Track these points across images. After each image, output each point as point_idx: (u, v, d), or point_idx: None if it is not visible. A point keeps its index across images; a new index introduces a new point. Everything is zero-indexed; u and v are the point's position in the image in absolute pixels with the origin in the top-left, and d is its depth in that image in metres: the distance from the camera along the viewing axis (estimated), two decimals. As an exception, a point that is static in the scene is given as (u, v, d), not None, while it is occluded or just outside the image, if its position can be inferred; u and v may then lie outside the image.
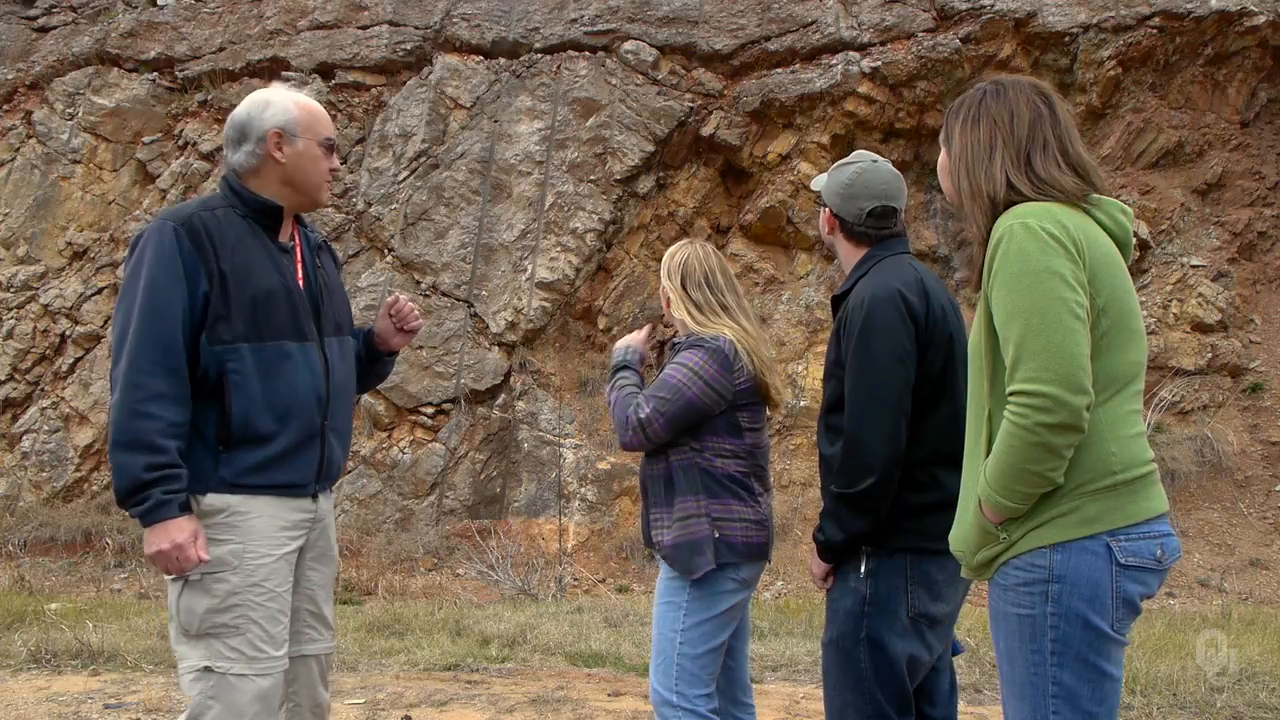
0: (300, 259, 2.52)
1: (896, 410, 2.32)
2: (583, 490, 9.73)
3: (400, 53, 11.61)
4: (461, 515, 9.70)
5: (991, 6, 10.37)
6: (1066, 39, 10.35)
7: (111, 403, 2.24)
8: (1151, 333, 9.67)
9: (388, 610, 7.12)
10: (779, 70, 10.86)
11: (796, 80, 10.72)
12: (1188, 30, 10.24)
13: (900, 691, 2.36)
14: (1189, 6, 10.17)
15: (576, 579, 8.93)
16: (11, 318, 11.20)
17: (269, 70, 11.69)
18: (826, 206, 2.65)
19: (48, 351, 11.18)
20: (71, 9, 12.88)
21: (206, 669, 2.25)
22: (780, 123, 10.89)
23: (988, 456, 1.89)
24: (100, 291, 11.27)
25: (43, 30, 12.81)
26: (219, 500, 2.30)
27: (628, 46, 11.10)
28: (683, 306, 2.88)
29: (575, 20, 11.36)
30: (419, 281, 10.64)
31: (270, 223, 2.47)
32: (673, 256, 2.96)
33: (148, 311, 2.26)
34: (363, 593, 8.56)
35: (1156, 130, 10.54)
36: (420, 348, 10.29)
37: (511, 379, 10.24)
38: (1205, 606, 7.63)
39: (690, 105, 10.88)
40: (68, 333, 11.15)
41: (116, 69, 12.21)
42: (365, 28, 11.78)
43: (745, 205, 11.16)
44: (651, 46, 11.08)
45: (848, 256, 2.65)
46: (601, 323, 10.82)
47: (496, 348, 10.31)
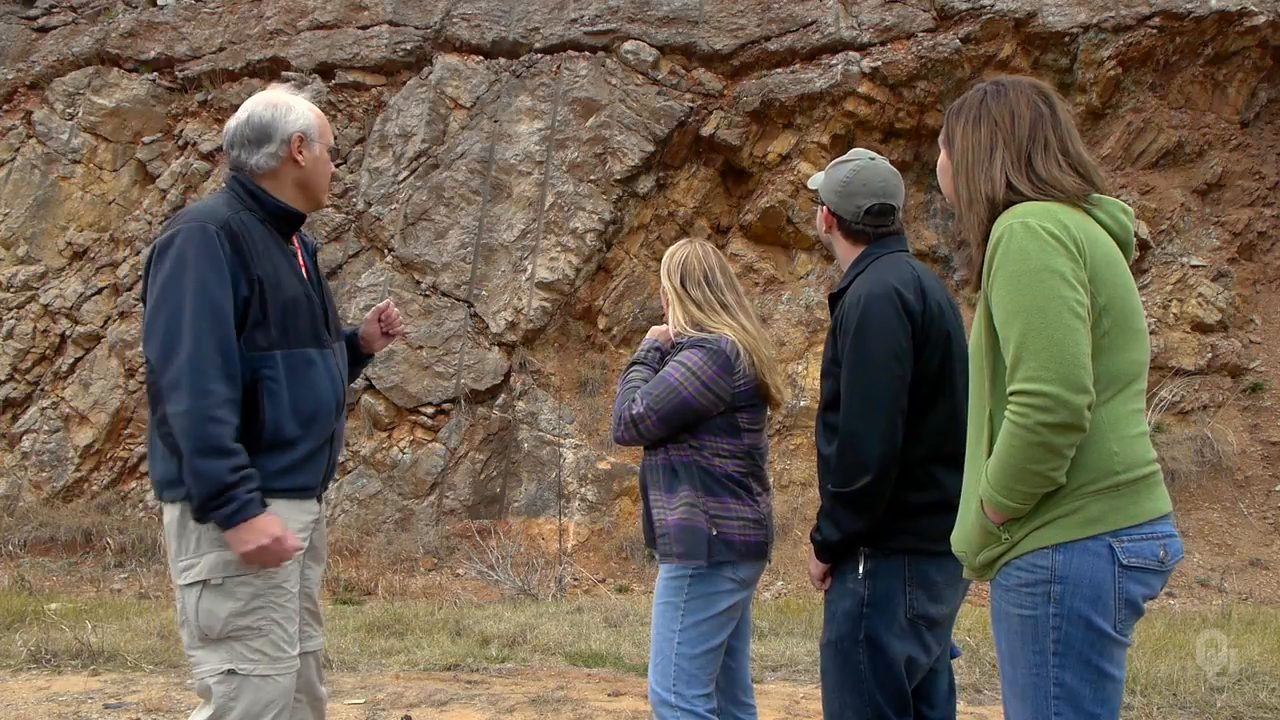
0: (303, 263, 2.53)
1: (892, 408, 2.30)
2: (583, 490, 9.73)
3: (400, 53, 11.60)
4: (461, 515, 9.70)
5: (991, 6, 10.37)
6: (1066, 39, 10.35)
7: (176, 409, 2.17)
8: (1152, 333, 9.67)
9: (388, 610, 7.12)
10: (779, 70, 10.86)
11: (796, 80, 10.72)
12: (1188, 30, 10.24)
13: (899, 692, 2.35)
14: (1189, 6, 10.17)
15: (576, 579, 8.92)
16: (11, 318, 11.20)
17: (269, 70, 11.69)
18: (824, 204, 2.64)
19: (48, 351, 11.18)
20: (71, 9, 12.88)
21: (230, 672, 2.24)
22: (780, 123, 10.89)
23: (989, 457, 1.88)
24: (100, 291, 11.27)
25: (43, 30, 12.80)
26: None
27: (628, 46, 11.10)
28: (682, 305, 2.87)
29: (575, 20, 11.36)
30: (419, 281, 10.64)
31: (287, 228, 2.48)
32: (672, 256, 2.95)
33: (204, 313, 2.21)
34: (363, 593, 8.55)
35: (1156, 130, 10.54)
36: (420, 348, 10.28)
37: (511, 379, 10.24)
38: (1205, 606, 7.63)
39: (690, 105, 10.88)
40: (68, 333, 11.15)
41: (116, 69, 12.20)
42: (365, 28, 11.78)
43: (745, 205, 11.16)
44: (651, 46, 11.08)
45: (845, 254, 2.63)
46: (601, 323, 10.81)
47: (496, 348, 10.31)
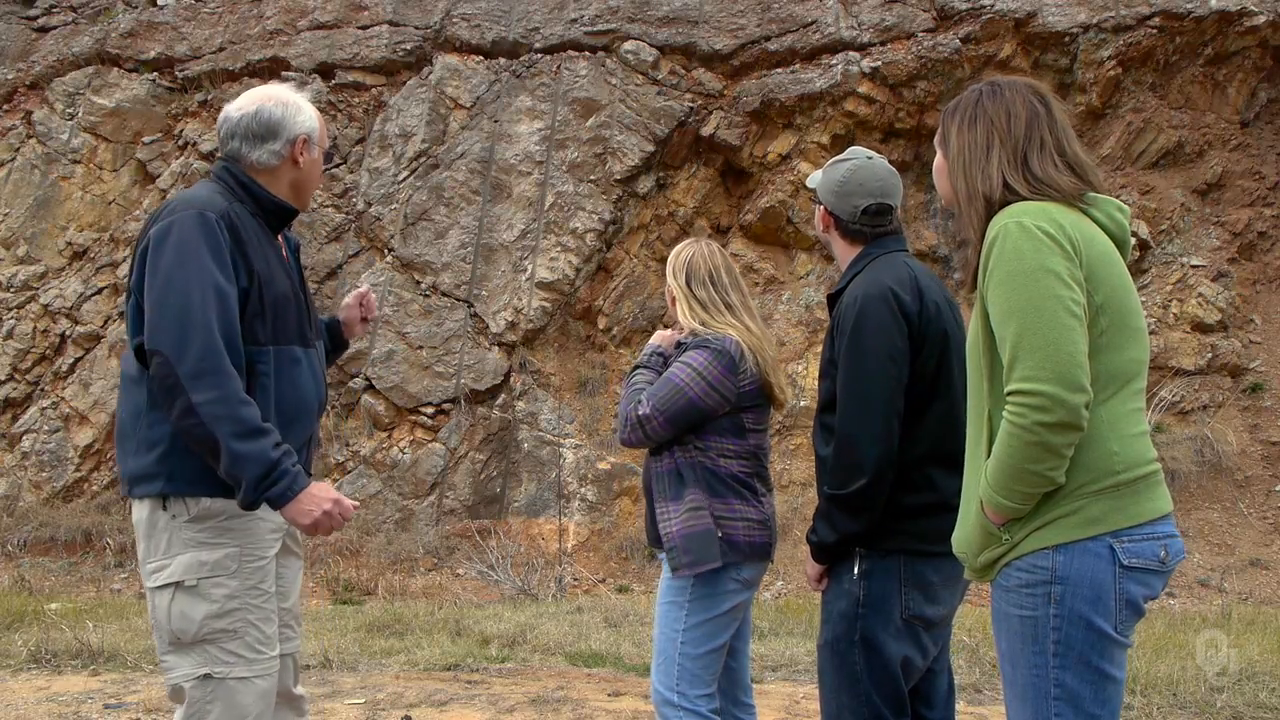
0: (286, 260, 2.49)
1: (888, 409, 2.29)
2: (583, 490, 9.73)
3: (400, 53, 11.60)
4: (461, 515, 9.70)
5: (991, 6, 10.37)
6: (1066, 39, 10.35)
7: (205, 397, 2.08)
8: (1151, 333, 9.67)
9: (388, 610, 7.12)
10: (779, 70, 10.86)
11: (796, 80, 10.72)
12: (1188, 30, 10.24)
13: (895, 693, 2.35)
14: (1189, 6, 10.17)
15: (576, 579, 8.92)
16: (11, 318, 11.20)
17: (269, 70, 11.69)
18: (822, 204, 2.62)
19: (48, 351, 11.17)
20: (71, 9, 12.88)
21: (206, 676, 2.20)
22: (780, 123, 10.89)
23: (988, 457, 1.88)
24: (100, 291, 11.27)
25: (43, 30, 12.80)
26: (217, 504, 2.24)
27: (628, 46, 11.10)
28: (687, 304, 2.87)
29: (575, 20, 11.36)
30: (419, 281, 10.64)
31: (278, 224, 2.44)
32: (678, 255, 2.95)
33: (213, 302, 2.14)
34: (363, 593, 8.56)
35: (1156, 130, 10.54)
36: (420, 348, 10.28)
37: (511, 379, 10.24)
38: (1205, 606, 7.63)
39: (690, 105, 10.88)
40: (68, 333, 11.15)
41: (116, 69, 12.20)
42: (365, 28, 11.78)
43: (745, 205, 11.16)
44: (651, 46, 11.08)
45: (843, 254, 2.62)
46: (601, 323, 10.81)
47: (496, 348, 10.30)
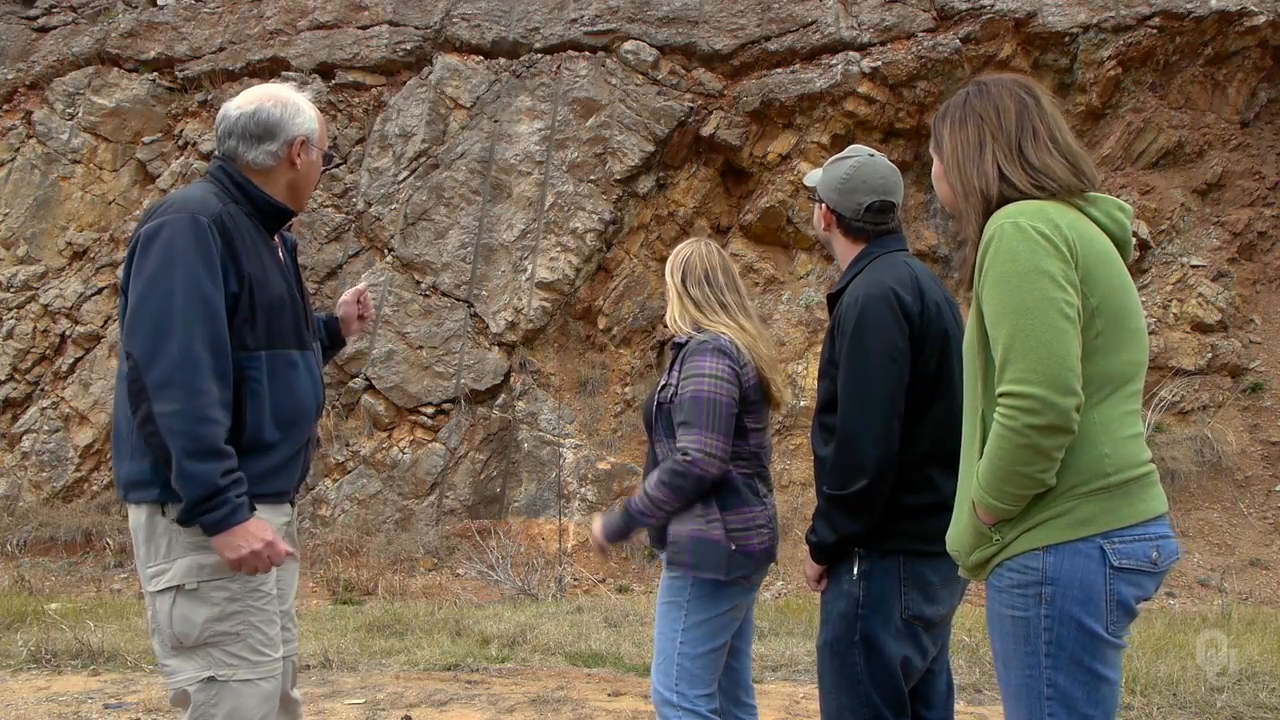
0: (283, 260, 2.46)
1: (890, 410, 2.28)
2: (583, 490, 9.73)
3: (400, 53, 11.61)
4: (461, 515, 9.70)
5: (991, 6, 10.37)
6: (1066, 39, 10.35)
7: (166, 409, 2.06)
8: (1151, 333, 9.66)
9: (388, 610, 7.13)
10: (779, 70, 10.86)
11: (796, 80, 10.72)
12: (1188, 30, 10.24)
13: (895, 693, 2.34)
14: (1189, 6, 10.17)
15: (576, 579, 8.93)
16: (11, 318, 11.20)
17: (269, 70, 11.69)
18: (822, 202, 2.60)
19: (48, 351, 11.18)
20: (71, 9, 12.88)
21: (210, 679, 2.19)
22: (780, 123, 10.89)
23: (981, 457, 1.88)
24: (100, 291, 11.27)
25: (43, 30, 12.81)
26: None
27: (628, 46, 11.10)
28: (681, 303, 2.87)
29: (575, 20, 11.36)
30: (419, 281, 10.64)
31: (274, 224, 2.41)
32: (677, 254, 2.95)
33: (196, 308, 2.11)
34: (363, 593, 8.56)
35: (1156, 130, 10.54)
36: (420, 348, 10.29)
37: (511, 379, 10.24)
38: (1205, 606, 7.63)
39: (690, 105, 10.88)
40: (68, 333, 11.15)
41: (116, 69, 12.21)
42: (365, 28, 11.78)
43: (745, 205, 11.16)
44: (651, 46, 11.08)
45: (844, 253, 2.60)
46: (601, 323, 10.81)
47: (496, 348, 10.31)
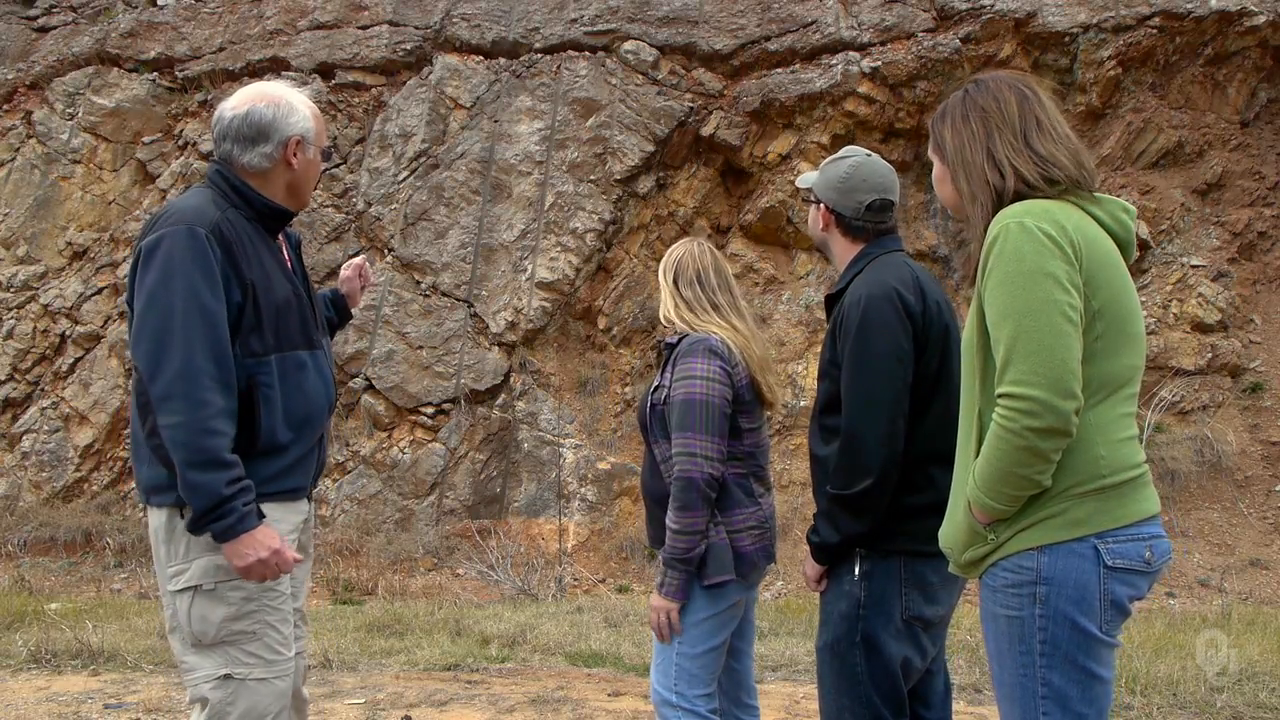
0: (288, 259, 2.46)
1: (895, 410, 2.28)
2: (583, 490, 9.73)
3: (400, 53, 11.61)
4: (461, 515, 9.70)
5: (991, 6, 10.37)
6: (1066, 39, 10.35)
7: (169, 421, 2.10)
8: (1151, 333, 9.66)
9: (388, 610, 7.13)
10: (779, 70, 10.86)
11: (796, 80, 10.72)
12: (1188, 30, 10.24)
13: (895, 694, 2.34)
14: (1189, 6, 10.17)
15: (576, 579, 8.93)
16: (11, 318, 11.21)
17: (269, 70, 11.69)
18: (820, 202, 2.58)
19: (48, 351, 11.18)
20: (71, 9, 12.89)
21: (226, 677, 2.22)
22: (780, 123, 10.89)
23: (977, 456, 1.88)
24: (100, 291, 11.28)
25: (43, 30, 12.82)
26: None
27: (628, 46, 11.10)
28: (672, 303, 2.87)
29: (575, 20, 11.36)
30: (419, 281, 10.64)
31: (275, 226, 2.41)
32: (670, 254, 2.95)
33: (196, 320, 2.14)
34: (363, 593, 8.56)
35: (1156, 130, 10.54)
36: (420, 348, 10.29)
37: (511, 379, 10.24)
38: (1205, 606, 7.63)
39: (690, 105, 10.88)
40: (68, 333, 11.15)
41: (116, 69, 12.22)
42: (365, 28, 11.78)
43: (745, 205, 11.16)
44: (651, 46, 11.08)
45: (842, 253, 2.58)
46: (601, 323, 10.82)
47: (496, 348, 10.31)
